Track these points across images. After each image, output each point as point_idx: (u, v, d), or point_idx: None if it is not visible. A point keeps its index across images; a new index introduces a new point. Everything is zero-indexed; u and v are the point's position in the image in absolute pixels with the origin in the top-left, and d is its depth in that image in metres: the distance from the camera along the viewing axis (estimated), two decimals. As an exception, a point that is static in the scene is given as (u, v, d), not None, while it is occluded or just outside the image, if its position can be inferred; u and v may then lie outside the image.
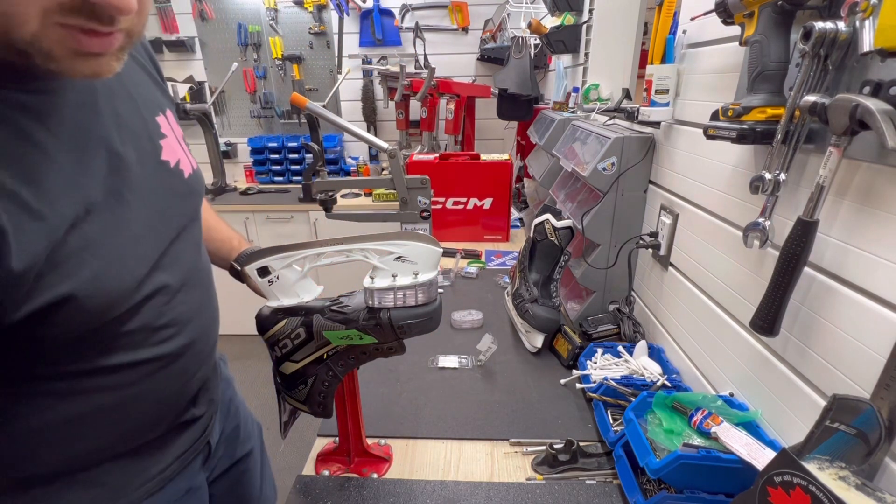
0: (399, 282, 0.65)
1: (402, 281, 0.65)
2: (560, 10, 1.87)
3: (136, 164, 0.51)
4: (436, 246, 0.67)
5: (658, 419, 0.76)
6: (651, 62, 1.03)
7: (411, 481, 0.80)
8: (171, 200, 0.57)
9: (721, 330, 0.86)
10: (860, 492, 0.45)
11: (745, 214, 0.77)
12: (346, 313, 0.69)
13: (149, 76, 0.60)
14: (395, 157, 1.52)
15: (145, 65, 0.61)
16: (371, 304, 0.67)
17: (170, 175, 0.57)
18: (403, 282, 0.65)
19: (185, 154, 0.62)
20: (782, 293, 0.62)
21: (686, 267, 1.00)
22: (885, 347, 0.53)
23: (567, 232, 1.22)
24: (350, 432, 0.83)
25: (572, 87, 1.89)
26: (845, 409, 0.50)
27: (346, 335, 0.68)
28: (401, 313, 0.66)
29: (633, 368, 1.00)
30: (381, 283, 0.66)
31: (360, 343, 0.69)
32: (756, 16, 0.66)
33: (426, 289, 0.67)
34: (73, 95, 0.46)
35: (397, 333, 0.68)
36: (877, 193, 0.55)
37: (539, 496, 0.77)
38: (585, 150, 1.28)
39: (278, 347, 0.73)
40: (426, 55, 3.00)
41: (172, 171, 0.58)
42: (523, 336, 1.24)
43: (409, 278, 0.66)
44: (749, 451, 0.63)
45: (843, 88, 0.57)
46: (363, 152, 3.36)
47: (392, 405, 1.00)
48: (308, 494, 0.77)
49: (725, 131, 0.69)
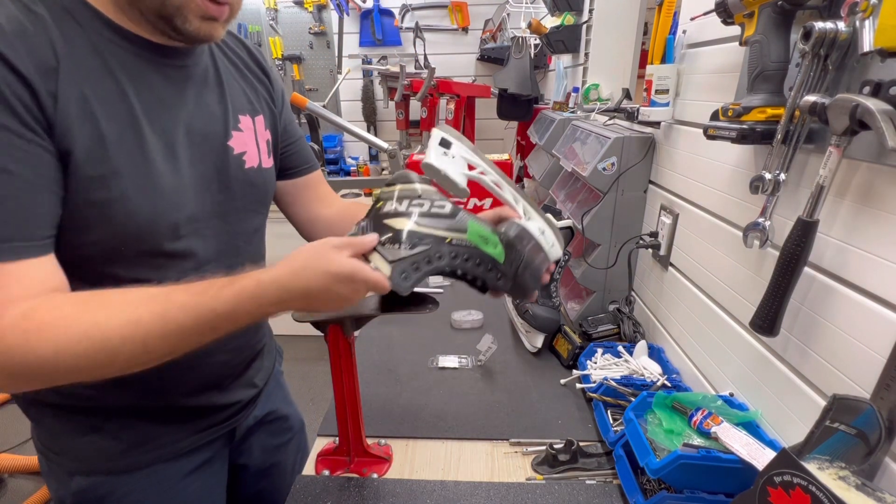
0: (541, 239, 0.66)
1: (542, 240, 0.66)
2: (560, 10, 1.87)
3: (198, 134, 0.61)
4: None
5: (658, 419, 0.76)
6: (651, 62, 1.03)
7: (411, 481, 0.80)
8: (220, 176, 0.64)
9: (721, 330, 0.86)
10: (860, 492, 0.45)
11: (745, 214, 0.77)
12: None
13: (247, 82, 0.71)
14: (395, 157, 1.52)
15: (247, 74, 0.72)
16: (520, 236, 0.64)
17: (227, 156, 0.65)
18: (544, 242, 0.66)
19: (257, 152, 0.70)
20: (782, 293, 0.62)
21: (686, 267, 1.00)
22: (885, 347, 0.53)
23: (567, 232, 1.22)
24: (350, 432, 0.83)
25: (572, 87, 1.89)
26: (845, 409, 0.50)
27: (486, 235, 0.62)
28: (531, 258, 0.65)
29: (633, 368, 1.00)
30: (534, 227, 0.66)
31: (485, 249, 0.61)
32: (756, 16, 0.66)
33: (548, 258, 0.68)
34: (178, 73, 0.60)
35: (516, 270, 0.64)
36: (877, 193, 0.55)
37: (539, 496, 0.77)
38: (585, 150, 1.28)
39: (408, 200, 0.59)
40: (426, 55, 3.00)
41: (233, 155, 0.66)
42: (523, 336, 1.24)
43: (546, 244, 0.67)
44: (749, 451, 0.63)
45: (843, 88, 0.57)
46: (363, 152, 3.36)
47: (392, 405, 1.00)
48: (308, 494, 0.77)
49: (725, 131, 0.69)
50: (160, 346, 0.48)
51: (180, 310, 0.47)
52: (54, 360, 0.44)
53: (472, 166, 0.66)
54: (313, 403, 2.49)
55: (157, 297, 0.48)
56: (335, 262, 0.49)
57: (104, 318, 0.46)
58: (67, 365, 0.45)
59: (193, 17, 0.54)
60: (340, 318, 0.73)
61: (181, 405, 0.70)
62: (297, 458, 0.97)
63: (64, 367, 0.45)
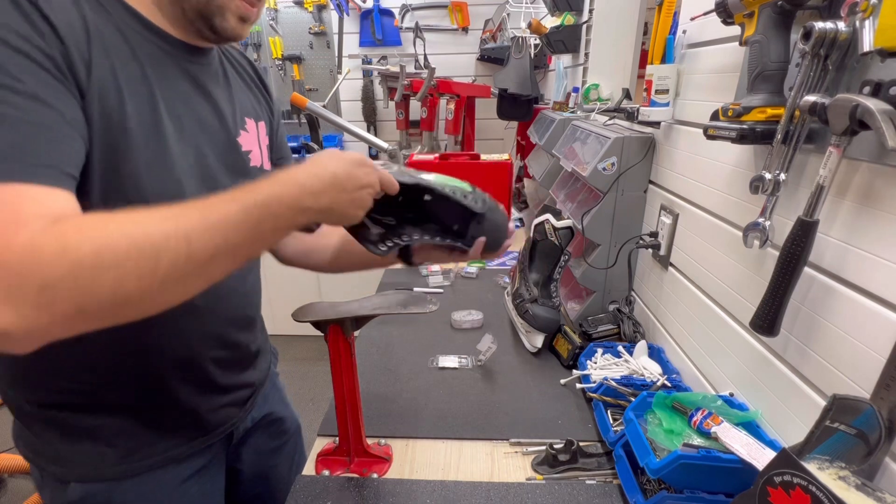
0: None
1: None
2: (560, 10, 1.87)
3: (210, 126, 0.64)
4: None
5: (658, 419, 0.76)
6: (651, 62, 1.03)
7: (411, 481, 0.80)
8: (227, 170, 0.66)
9: (721, 330, 0.86)
10: (860, 492, 0.45)
11: (745, 214, 0.77)
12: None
13: (251, 91, 0.76)
14: (395, 157, 1.52)
15: (250, 84, 0.76)
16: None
17: (236, 151, 0.68)
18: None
19: (260, 153, 0.73)
20: (782, 293, 0.62)
21: (686, 267, 1.00)
22: (885, 347, 0.53)
23: (567, 232, 1.22)
24: (350, 432, 0.83)
25: (572, 87, 1.89)
26: (845, 409, 0.50)
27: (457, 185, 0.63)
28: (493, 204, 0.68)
29: (633, 368, 1.00)
30: None
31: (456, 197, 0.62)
32: (756, 16, 0.66)
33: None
34: (195, 69, 0.63)
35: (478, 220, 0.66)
36: (877, 193, 0.55)
37: (539, 496, 0.77)
38: (585, 150, 1.28)
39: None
40: (426, 55, 3.00)
41: (239, 151, 0.69)
42: (523, 336, 1.24)
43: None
44: (749, 451, 0.63)
45: (843, 88, 0.57)
46: (363, 152, 3.36)
47: (392, 405, 1.00)
48: (308, 494, 0.77)
49: (725, 131, 0.69)
50: (204, 243, 0.44)
51: (221, 200, 0.46)
52: (96, 262, 0.39)
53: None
54: (313, 403, 2.49)
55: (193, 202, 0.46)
56: (349, 153, 0.55)
57: (142, 217, 0.43)
58: (110, 268, 0.40)
59: (231, 17, 0.60)
60: (340, 318, 0.73)
61: (177, 406, 0.69)
62: (293, 462, 0.97)
63: (107, 271, 0.40)
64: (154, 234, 0.42)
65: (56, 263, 0.38)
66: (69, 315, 0.39)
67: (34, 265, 0.38)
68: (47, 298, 0.38)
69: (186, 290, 0.45)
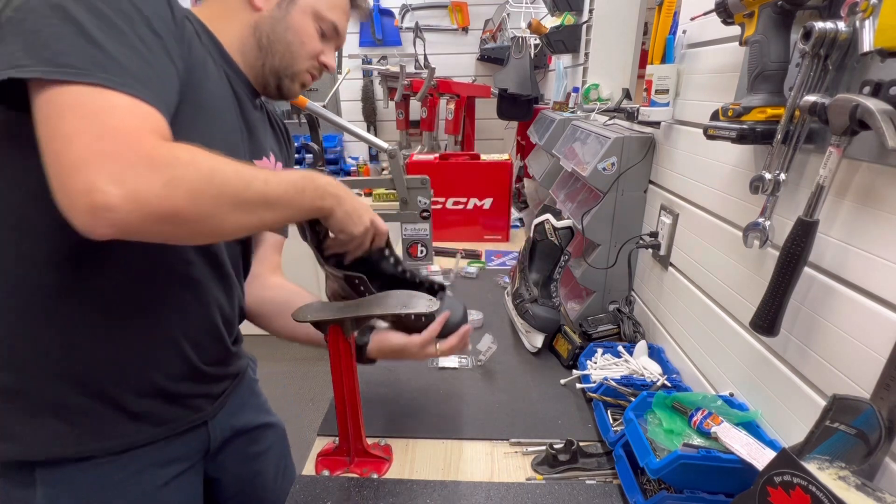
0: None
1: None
2: (560, 10, 1.87)
3: (248, 147, 0.74)
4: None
5: (658, 419, 0.76)
6: (651, 62, 1.03)
7: (411, 481, 0.80)
8: None
9: (721, 330, 0.86)
10: (860, 492, 0.45)
11: (745, 214, 0.77)
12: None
13: (277, 139, 0.86)
14: (395, 157, 1.52)
15: (279, 135, 0.87)
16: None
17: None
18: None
19: None
20: (782, 293, 0.62)
21: (686, 267, 1.00)
22: (885, 347, 0.53)
23: (567, 232, 1.22)
24: (350, 432, 0.83)
25: (572, 87, 1.89)
26: (845, 409, 0.50)
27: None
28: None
29: (633, 368, 1.00)
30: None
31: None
32: (756, 16, 0.66)
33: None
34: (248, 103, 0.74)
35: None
36: (877, 193, 0.55)
37: (539, 496, 0.77)
38: (585, 150, 1.28)
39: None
40: (426, 55, 3.00)
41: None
42: (523, 336, 1.24)
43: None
44: (749, 451, 0.63)
45: (843, 88, 0.57)
46: (363, 152, 3.36)
47: (392, 405, 1.00)
48: (308, 494, 0.77)
49: (725, 131, 0.69)
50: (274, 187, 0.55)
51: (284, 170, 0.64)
52: (210, 176, 0.49)
53: None
54: (313, 403, 2.49)
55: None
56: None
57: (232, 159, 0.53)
58: (219, 184, 0.50)
59: (297, 84, 0.74)
60: (340, 318, 0.73)
61: (148, 389, 0.67)
62: (279, 467, 0.95)
63: (214, 187, 0.49)
64: (246, 169, 0.53)
65: (187, 167, 0.48)
66: (165, 216, 0.46)
67: (168, 164, 0.46)
68: (166, 193, 0.46)
69: (249, 224, 0.55)
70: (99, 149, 0.44)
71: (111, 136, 0.45)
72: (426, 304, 0.77)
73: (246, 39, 0.69)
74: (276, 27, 0.69)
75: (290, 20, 0.70)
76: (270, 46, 0.70)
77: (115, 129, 0.45)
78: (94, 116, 0.45)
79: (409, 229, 1.75)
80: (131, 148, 0.45)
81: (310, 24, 0.71)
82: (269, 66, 0.71)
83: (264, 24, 0.69)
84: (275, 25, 0.69)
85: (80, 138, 0.44)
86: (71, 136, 0.44)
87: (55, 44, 0.45)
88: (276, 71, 0.71)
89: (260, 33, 0.69)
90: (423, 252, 1.78)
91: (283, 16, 0.69)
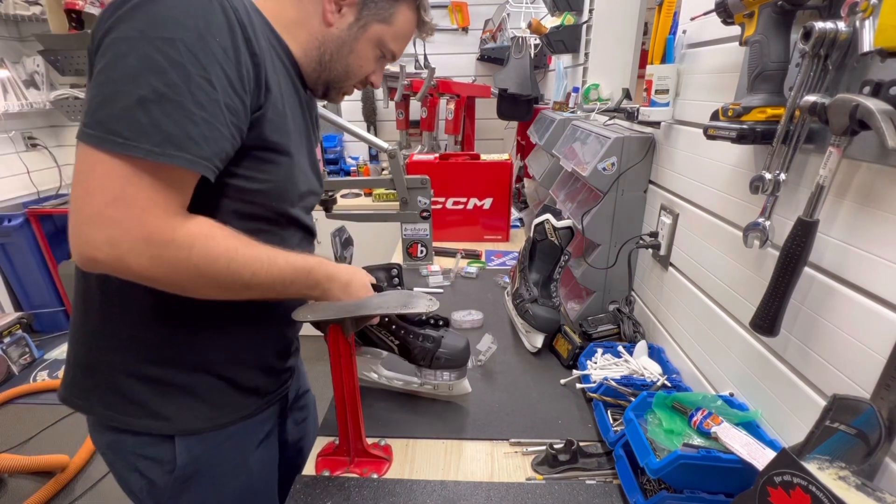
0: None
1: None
2: (560, 10, 1.87)
3: (311, 137, 0.81)
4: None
5: (658, 419, 0.76)
6: (651, 62, 1.03)
7: (411, 481, 0.80)
8: (314, 171, 0.82)
9: (721, 330, 0.86)
10: (860, 492, 0.45)
11: (745, 214, 0.77)
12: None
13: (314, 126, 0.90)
14: (395, 157, 1.52)
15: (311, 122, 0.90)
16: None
17: (313, 154, 0.83)
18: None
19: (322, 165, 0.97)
20: (782, 293, 0.62)
21: (686, 267, 1.00)
22: (885, 347, 0.53)
23: (567, 232, 1.22)
24: (350, 432, 0.83)
25: (572, 87, 1.89)
26: (845, 409, 0.50)
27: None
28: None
29: (633, 368, 1.00)
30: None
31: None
32: (756, 16, 0.66)
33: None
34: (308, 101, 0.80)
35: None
36: (877, 193, 0.55)
37: (539, 496, 0.77)
38: (585, 150, 1.28)
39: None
40: (426, 55, 3.00)
41: (315, 156, 0.84)
42: (523, 336, 1.24)
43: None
44: (749, 451, 0.63)
45: (843, 88, 0.57)
46: (363, 152, 3.36)
47: (392, 405, 1.00)
48: (308, 494, 0.77)
49: (725, 131, 0.69)
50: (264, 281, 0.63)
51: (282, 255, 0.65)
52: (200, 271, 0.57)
53: None
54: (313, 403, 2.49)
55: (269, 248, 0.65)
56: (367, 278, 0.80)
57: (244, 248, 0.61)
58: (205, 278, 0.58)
59: (341, 94, 0.80)
60: (340, 318, 0.73)
61: (262, 368, 0.80)
62: (313, 431, 1.07)
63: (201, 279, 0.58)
64: (244, 257, 0.60)
65: (179, 249, 0.54)
66: (142, 280, 0.56)
67: (162, 243, 0.53)
68: (148, 265, 0.54)
69: (226, 298, 0.64)
70: (109, 213, 0.52)
71: (124, 205, 0.52)
72: (426, 304, 0.77)
73: (310, 51, 0.72)
74: (342, 49, 0.73)
75: (355, 45, 0.73)
76: (330, 64, 0.74)
77: (129, 200, 0.52)
78: (116, 180, 0.52)
79: (409, 229, 1.75)
80: (135, 220, 0.52)
81: (372, 50, 0.75)
82: (324, 78, 0.76)
83: (331, 42, 0.72)
84: (340, 47, 0.72)
85: (98, 196, 0.52)
86: (92, 192, 0.52)
87: (112, 105, 0.52)
88: (327, 82, 0.76)
89: (324, 50, 0.72)
90: (423, 252, 1.78)
91: (350, 40, 0.72)
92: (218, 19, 0.56)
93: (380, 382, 1.02)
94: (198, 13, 0.54)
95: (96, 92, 0.52)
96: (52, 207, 2.95)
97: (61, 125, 3.29)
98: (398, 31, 0.75)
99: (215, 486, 0.78)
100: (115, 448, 0.74)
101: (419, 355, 0.94)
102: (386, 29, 0.73)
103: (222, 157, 0.59)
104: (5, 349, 2.62)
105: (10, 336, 2.70)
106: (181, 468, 0.73)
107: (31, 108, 2.97)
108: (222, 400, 0.75)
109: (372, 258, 1.25)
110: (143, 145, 0.51)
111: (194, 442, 0.74)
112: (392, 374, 1.00)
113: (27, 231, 2.91)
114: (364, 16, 0.71)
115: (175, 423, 0.72)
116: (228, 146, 0.59)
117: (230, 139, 0.59)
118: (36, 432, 2.21)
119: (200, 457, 0.75)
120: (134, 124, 0.51)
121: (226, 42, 0.56)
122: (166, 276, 0.56)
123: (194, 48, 0.53)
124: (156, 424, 0.72)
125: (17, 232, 2.87)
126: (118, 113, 0.51)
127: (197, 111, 0.54)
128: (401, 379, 0.99)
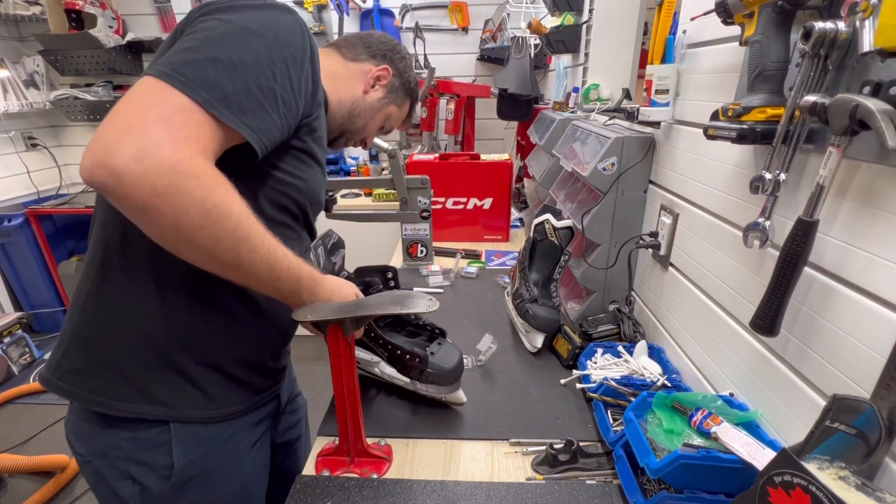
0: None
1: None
2: (560, 10, 1.87)
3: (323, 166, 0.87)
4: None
5: (658, 419, 0.76)
6: (651, 62, 1.03)
7: (411, 481, 0.80)
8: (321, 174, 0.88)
9: (721, 330, 0.86)
10: (860, 492, 0.45)
11: (745, 214, 0.77)
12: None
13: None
14: (395, 157, 1.52)
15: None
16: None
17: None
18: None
19: None
20: (782, 293, 0.62)
21: (686, 267, 1.00)
22: (885, 347, 0.53)
23: (567, 232, 1.22)
24: (350, 432, 0.83)
25: (572, 87, 1.89)
26: (845, 409, 0.50)
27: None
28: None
29: (633, 368, 1.00)
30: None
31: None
32: (756, 16, 0.66)
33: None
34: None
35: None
36: (877, 193, 0.55)
37: (539, 496, 0.77)
38: (585, 150, 1.28)
39: None
40: (426, 55, 3.00)
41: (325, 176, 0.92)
42: (523, 336, 1.24)
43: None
44: (749, 451, 0.63)
45: (843, 88, 0.57)
46: (363, 152, 3.36)
47: (392, 405, 1.00)
48: (308, 494, 0.77)
49: (725, 131, 0.69)
50: (257, 263, 0.62)
51: (281, 249, 0.66)
52: (209, 219, 0.55)
53: None
54: (313, 403, 2.48)
55: (273, 237, 0.65)
56: (353, 289, 0.82)
57: (251, 222, 0.61)
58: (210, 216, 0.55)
59: (342, 144, 0.96)
60: (340, 318, 0.73)
61: (259, 365, 0.82)
62: (306, 434, 1.11)
63: (205, 229, 0.55)
64: (250, 230, 0.60)
65: (196, 190, 0.52)
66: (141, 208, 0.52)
67: (185, 175, 0.52)
68: (166, 193, 0.51)
69: (204, 264, 0.60)
70: (150, 129, 0.51)
71: (168, 127, 0.52)
72: (426, 304, 0.77)
73: (344, 103, 0.89)
74: (365, 113, 0.92)
75: (375, 113, 0.94)
76: (352, 120, 0.91)
77: (175, 125, 0.53)
78: (169, 105, 0.53)
79: (409, 229, 1.75)
80: (172, 143, 0.51)
81: (381, 121, 0.97)
82: (345, 127, 0.91)
83: (361, 106, 0.91)
84: (364, 112, 0.92)
85: (144, 113, 0.52)
86: (139, 108, 0.52)
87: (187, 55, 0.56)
88: (342, 131, 0.92)
89: (353, 108, 0.90)
90: (423, 252, 1.78)
91: (374, 108, 0.93)
92: (297, 38, 0.66)
93: (382, 378, 1.03)
94: (283, 26, 0.64)
95: (177, 48, 0.58)
96: (51, 207, 2.95)
97: (61, 125, 3.29)
98: (401, 115, 1.00)
99: (211, 491, 0.78)
100: (107, 454, 0.73)
101: (406, 369, 0.97)
102: (395, 110, 0.97)
103: (270, 138, 0.63)
104: (5, 349, 2.62)
105: (10, 336, 2.70)
106: (179, 472, 0.73)
107: (31, 108, 2.97)
108: (219, 392, 0.76)
109: (372, 258, 1.25)
110: (203, 93, 0.55)
111: (193, 444, 0.74)
112: (392, 373, 1.00)
113: (27, 231, 2.91)
114: (388, 96, 0.94)
115: (172, 409, 0.72)
116: (276, 131, 0.64)
117: (279, 126, 0.64)
118: (36, 432, 2.21)
119: (198, 460, 0.75)
120: (201, 74, 0.55)
121: (297, 55, 0.65)
122: (170, 213, 0.52)
123: (271, 46, 0.62)
124: (153, 410, 0.71)
125: (16, 232, 2.88)
126: (191, 60, 0.56)
127: (255, 90, 0.60)
128: (401, 379, 0.99)
